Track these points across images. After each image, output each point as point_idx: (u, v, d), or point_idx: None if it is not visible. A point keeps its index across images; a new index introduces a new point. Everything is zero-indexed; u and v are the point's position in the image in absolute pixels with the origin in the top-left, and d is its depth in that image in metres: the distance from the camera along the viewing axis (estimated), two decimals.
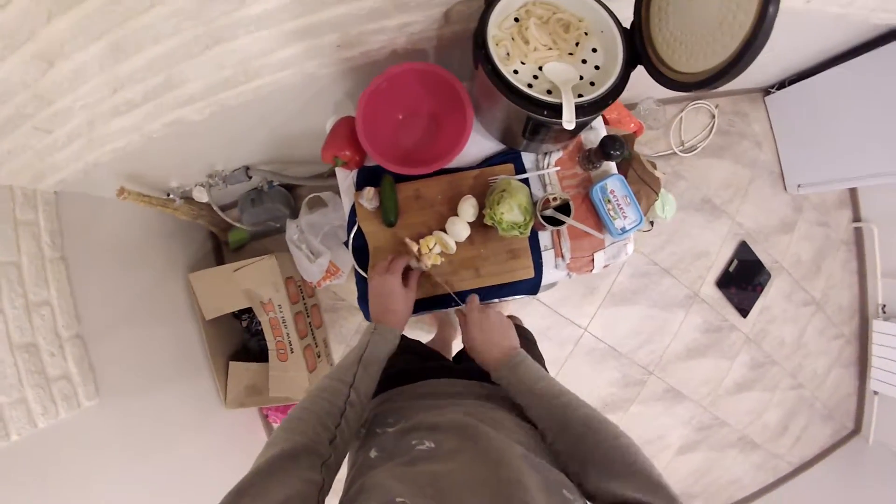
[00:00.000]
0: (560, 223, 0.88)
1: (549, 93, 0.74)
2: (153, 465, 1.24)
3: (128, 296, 1.34)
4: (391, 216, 0.92)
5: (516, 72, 0.77)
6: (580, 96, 0.73)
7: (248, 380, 1.70)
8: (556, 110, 0.70)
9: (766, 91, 2.11)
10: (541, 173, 0.96)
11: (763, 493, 2.31)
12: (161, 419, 1.33)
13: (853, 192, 2.27)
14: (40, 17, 0.67)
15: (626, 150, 0.90)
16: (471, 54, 0.78)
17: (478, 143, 0.97)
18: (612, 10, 0.77)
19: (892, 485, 2.08)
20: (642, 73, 0.76)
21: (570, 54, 0.78)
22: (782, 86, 2.03)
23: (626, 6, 0.77)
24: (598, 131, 0.98)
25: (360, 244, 0.96)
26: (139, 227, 1.48)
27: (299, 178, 1.60)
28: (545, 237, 0.96)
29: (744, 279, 2.12)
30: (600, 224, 0.94)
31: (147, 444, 1.24)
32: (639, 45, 0.75)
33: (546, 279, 0.94)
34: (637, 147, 1.60)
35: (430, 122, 0.98)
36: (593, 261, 0.95)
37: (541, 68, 0.77)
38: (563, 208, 0.88)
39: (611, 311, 2.03)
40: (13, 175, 0.99)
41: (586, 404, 0.60)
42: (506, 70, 0.72)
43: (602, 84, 0.73)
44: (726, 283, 2.11)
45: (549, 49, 0.78)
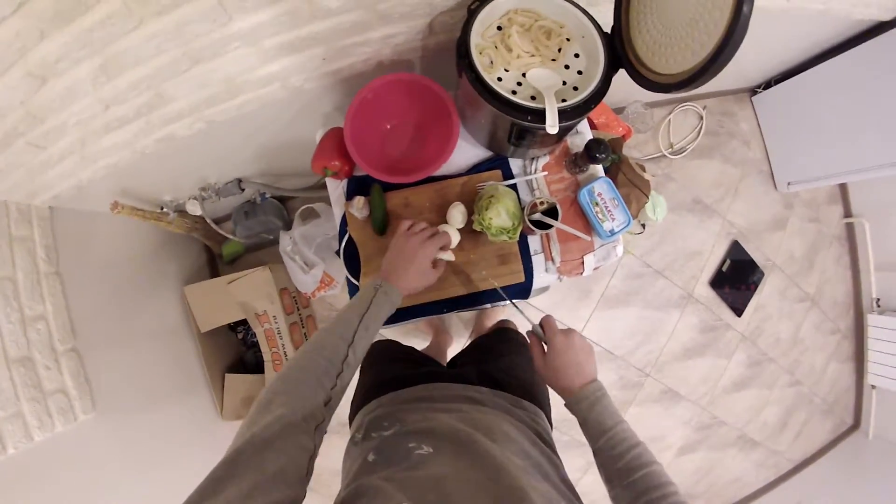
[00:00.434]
0: (548, 227, 0.88)
1: (534, 99, 0.76)
2: (151, 478, 1.24)
3: (123, 309, 1.34)
4: (381, 225, 0.92)
5: (500, 79, 0.78)
6: (564, 101, 0.74)
7: (244, 392, 1.70)
8: (540, 115, 0.71)
9: (753, 91, 2.13)
10: (528, 178, 0.97)
11: (765, 491, 2.30)
12: (158, 431, 1.33)
13: (843, 187, 2.29)
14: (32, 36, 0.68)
15: (611, 153, 0.91)
16: (455, 63, 0.79)
17: (465, 151, 0.98)
18: (592, 16, 0.79)
19: (894, 478, 2.08)
20: (627, 76, 0.77)
21: (553, 60, 0.80)
22: (768, 85, 2.05)
23: (606, 11, 0.79)
24: (584, 135, 0.99)
25: (351, 252, 0.96)
26: (134, 241, 1.48)
27: (292, 189, 1.61)
28: (535, 241, 0.97)
29: (737, 279, 2.13)
30: (589, 227, 0.95)
31: (144, 456, 1.24)
32: (619, 49, 0.77)
33: (537, 283, 0.95)
34: (626, 150, 1.61)
35: (418, 132, 0.99)
36: (583, 263, 0.95)
37: (524, 75, 0.79)
38: (551, 212, 0.89)
39: (606, 313, 2.03)
40: (8, 191, 1.01)
41: (657, 462, 0.58)
42: (489, 78, 0.73)
43: (585, 88, 0.75)
44: (720, 283, 2.11)
45: (532, 56, 0.79)
